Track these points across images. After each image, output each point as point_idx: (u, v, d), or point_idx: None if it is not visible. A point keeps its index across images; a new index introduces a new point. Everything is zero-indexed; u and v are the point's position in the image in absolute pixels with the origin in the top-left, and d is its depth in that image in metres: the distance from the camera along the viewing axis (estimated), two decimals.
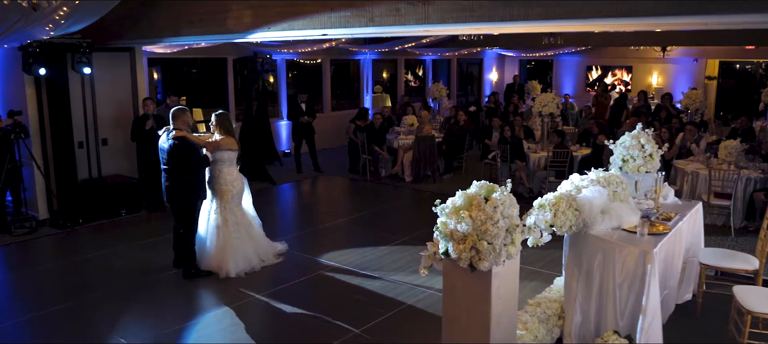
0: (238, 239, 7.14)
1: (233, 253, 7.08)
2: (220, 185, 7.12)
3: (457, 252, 3.68)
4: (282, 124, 14.79)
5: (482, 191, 3.77)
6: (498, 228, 3.62)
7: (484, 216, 3.62)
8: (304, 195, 11.72)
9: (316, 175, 12.75)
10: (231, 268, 7.04)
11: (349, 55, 16.47)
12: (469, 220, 3.63)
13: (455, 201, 3.79)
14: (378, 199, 10.94)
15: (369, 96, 17.22)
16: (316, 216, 10.00)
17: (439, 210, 3.83)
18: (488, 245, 3.61)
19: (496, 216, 3.63)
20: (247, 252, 7.22)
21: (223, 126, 7.19)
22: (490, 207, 3.65)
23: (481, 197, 3.71)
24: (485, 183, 3.84)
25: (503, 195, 3.73)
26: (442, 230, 3.79)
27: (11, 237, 8.64)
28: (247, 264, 7.18)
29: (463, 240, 3.66)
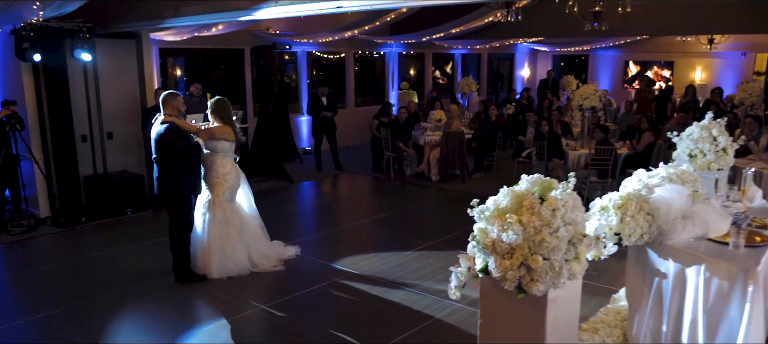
0: (223, 237, 6.34)
1: (219, 252, 6.30)
2: (212, 177, 6.34)
3: (501, 270, 2.72)
4: (302, 119, 13.92)
5: (536, 188, 2.80)
6: (558, 238, 2.65)
7: (539, 222, 2.65)
8: (323, 194, 10.82)
9: (337, 174, 11.84)
10: (214, 268, 6.28)
11: (373, 48, 15.54)
12: (518, 227, 2.67)
13: (499, 201, 2.83)
14: (402, 200, 9.98)
15: (395, 92, 16.27)
16: (334, 217, 9.08)
17: (477, 214, 2.88)
18: (544, 261, 2.64)
19: (555, 223, 2.66)
20: (236, 254, 6.39)
21: (220, 113, 6.36)
22: (548, 209, 2.68)
23: (534, 196, 2.74)
24: (539, 178, 2.87)
25: (565, 193, 2.75)
26: (481, 240, 2.83)
27: (8, 236, 7.91)
28: (234, 266, 6.38)
29: (510, 253, 2.70)
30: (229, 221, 6.36)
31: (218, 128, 6.28)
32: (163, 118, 6.09)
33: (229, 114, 6.40)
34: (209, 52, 12.18)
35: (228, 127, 6.32)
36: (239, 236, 6.43)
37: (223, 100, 6.44)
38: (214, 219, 6.31)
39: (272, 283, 6.32)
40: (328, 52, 14.77)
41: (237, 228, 6.42)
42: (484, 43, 16.66)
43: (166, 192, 6.15)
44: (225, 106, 6.40)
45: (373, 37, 14.38)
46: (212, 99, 6.44)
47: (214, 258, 6.29)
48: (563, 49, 19.89)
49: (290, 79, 14.33)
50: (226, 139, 6.30)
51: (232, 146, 6.38)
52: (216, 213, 6.31)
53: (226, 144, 6.31)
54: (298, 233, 7.94)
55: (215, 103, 6.38)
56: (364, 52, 15.86)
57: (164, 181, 6.14)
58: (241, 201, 6.65)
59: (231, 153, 6.41)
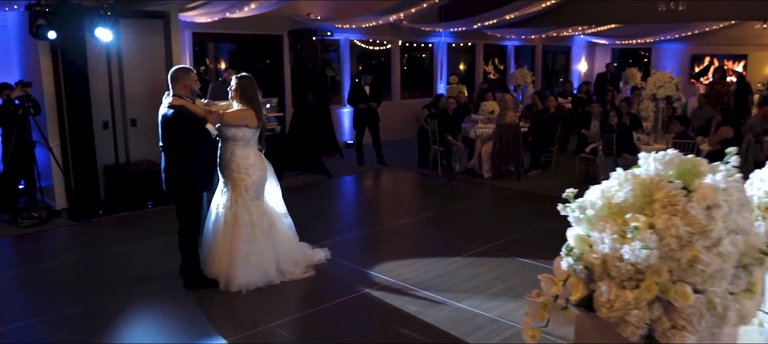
0: (250, 244, 5.26)
1: (242, 261, 5.22)
2: (232, 171, 5.28)
3: (620, 308, 1.58)
4: (344, 111, 12.92)
5: (672, 170, 1.65)
6: (721, 256, 1.50)
7: (687, 227, 1.51)
8: (362, 191, 9.77)
9: (380, 169, 10.77)
10: (237, 280, 5.20)
11: (421, 37, 14.42)
12: (650, 236, 1.53)
13: (612, 192, 1.69)
14: (450, 198, 8.84)
15: (443, 86, 15.11)
16: (373, 215, 8.01)
17: (574, 213, 1.75)
18: (697, 296, 1.49)
19: (715, 230, 1.51)
20: (263, 262, 5.32)
21: (245, 93, 5.32)
22: (700, 207, 1.53)
23: (674, 184, 1.60)
24: (675, 156, 1.72)
25: (727, 179, 1.60)
26: (583, 254, 1.70)
27: (17, 229, 7.14)
28: (260, 276, 5.29)
29: (636, 280, 1.56)
30: (255, 224, 5.30)
31: (237, 112, 5.25)
32: (170, 98, 5.13)
33: (254, 95, 5.34)
34: (246, 38, 11.28)
35: (250, 111, 5.26)
36: (267, 241, 5.37)
37: (247, 78, 5.37)
38: (236, 223, 5.25)
39: (290, 293, 5.29)
40: (373, 41, 13.73)
41: (265, 231, 5.37)
42: (540, 32, 15.28)
43: (173, 187, 5.20)
44: (249, 85, 5.33)
45: (420, 25, 13.27)
46: (236, 75, 5.42)
47: (236, 269, 5.21)
48: (623, 42, 18.32)
49: (334, 71, 13.36)
50: (248, 125, 5.24)
51: (255, 134, 5.33)
52: (240, 215, 5.25)
53: (247, 131, 5.25)
54: (331, 233, 6.90)
55: (238, 81, 5.33)
56: (411, 42, 14.75)
57: (171, 174, 5.18)
58: (270, 198, 5.61)
59: (254, 142, 5.35)
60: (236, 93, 5.35)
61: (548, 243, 6.89)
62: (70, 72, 7.51)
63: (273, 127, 9.46)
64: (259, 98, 5.40)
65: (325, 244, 6.26)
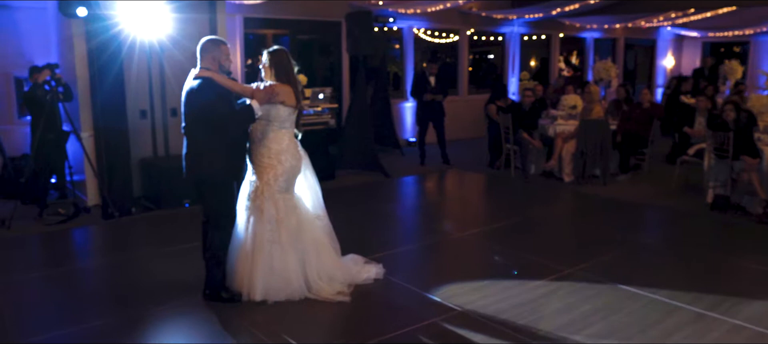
0: (273, 242, 4.30)
1: (265, 263, 4.29)
2: (261, 156, 4.36)
3: None
4: (406, 106, 11.79)
5: None
6: None
7: None
8: (424, 194, 8.60)
9: (444, 169, 9.58)
10: (257, 286, 4.28)
11: (491, 26, 13.11)
12: None
13: None
14: (525, 205, 7.56)
15: (515, 81, 13.75)
16: (435, 224, 6.82)
17: None
18: None
19: None
20: (287, 269, 4.33)
21: (280, 69, 4.38)
22: None
23: None
24: None
25: None
26: None
27: (41, 226, 6.39)
28: (282, 286, 4.32)
29: None
30: (281, 220, 4.33)
31: (272, 86, 4.29)
32: (197, 71, 4.18)
33: (290, 70, 4.38)
34: (301, 24, 10.32)
35: (288, 87, 4.32)
36: (294, 243, 4.37)
37: (282, 51, 4.43)
38: (260, 218, 4.32)
39: (331, 318, 4.22)
40: (439, 31, 12.54)
41: (292, 231, 4.37)
42: (627, 20, 13.62)
43: (197, 175, 4.25)
44: (284, 59, 4.39)
45: (491, 12, 11.99)
46: (269, 50, 4.43)
47: (259, 273, 4.29)
48: (717, 36, 16.37)
49: (396, 67, 12.26)
50: (286, 102, 4.30)
51: (291, 115, 4.38)
52: (264, 208, 4.31)
53: (283, 110, 4.31)
54: (386, 243, 5.78)
55: (271, 55, 4.39)
56: (480, 34, 13.48)
57: (194, 161, 4.25)
58: (303, 194, 4.60)
59: (290, 124, 4.41)
60: (270, 69, 4.40)
61: (652, 265, 5.46)
62: (102, 54, 6.70)
63: (326, 120, 8.45)
64: (295, 75, 4.40)
65: (377, 257, 5.16)
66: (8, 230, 6.27)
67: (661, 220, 6.95)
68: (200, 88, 4.10)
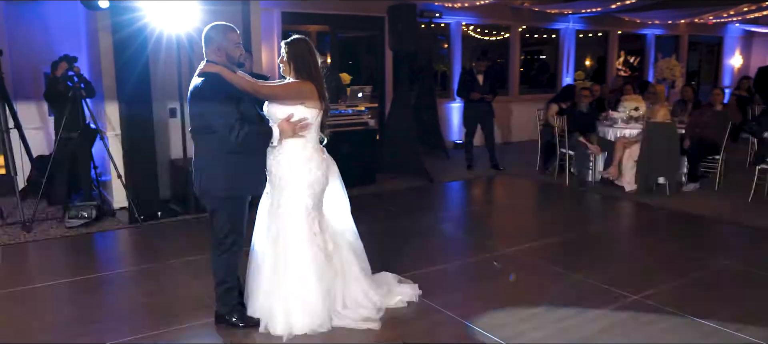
0: (297, 271, 3.69)
1: (288, 293, 3.68)
2: (279, 167, 3.73)
3: None
4: (453, 106, 11.13)
5: None
6: None
7: None
8: (469, 201, 7.93)
9: (493, 174, 8.90)
10: (278, 320, 3.67)
11: (545, 22, 12.30)
12: None
13: None
14: (581, 217, 6.82)
15: (570, 81, 12.89)
16: (480, 236, 6.16)
17: None
18: None
19: None
20: (313, 301, 3.71)
21: (300, 62, 3.74)
22: None
23: None
24: None
25: None
26: None
27: (62, 229, 6.04)
28: (309, 319, 3.69)
29: None
30: (305, 244, 3.71)
31: (290, 85, 3.70)
32: (203, 65, 3.64)
33: (313, 65, 3.75)
34: (342, 19, 9.79)
35: (308, 85, 3.70)
36: (321, 270, 3.75)
37: (302, 42, 3.76)
38: (281, 241, 3.71)
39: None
40: (489, 27, 11.83)
41: (318, 256, 3.75)
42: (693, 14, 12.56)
43: (204, 188, 3.68)
44: (305, 51, 3.74)
45: (545, 6, 11.20)
46: (286, 41, 3.85)
47: (279, 304, 3.69)
48: None
49: (445, 66, 11.60)
50: (305, 102, 3.68)
51: (314, 118, 3.75)
52: (287, 229, 3.71)
53: (304, 112, 3.69)
54: (423, 259, 5.16)
55: (288, 47, 3.75)
56: (532, 31, 12.68)
57: (197, 172, 3.68)
58: (330, 209, 4.00)
59: (313, 129, 3.77)
60: (288, 63, 3.77)
61: (733, 295, 4.40)
62: (127, 49, 6.30)
63: (365, 120, 7.88)
64: (319, 70, 3.79)
65: (413, 275, 4.56)
66: (28, 233, 5.95)
67: (740, 239, 6.09)
68: (203, 87, 3.50)
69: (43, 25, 7.47)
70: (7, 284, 4.65)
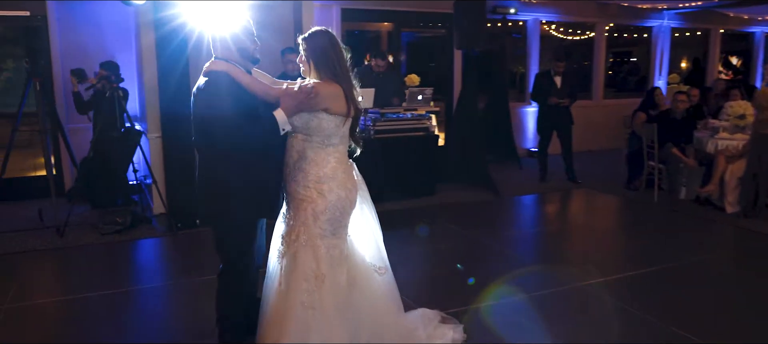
0: (310, 308, 2.97)
1: (297, 333, 2.96)
2: (297, 184, 3.07)
3: None
4: (528, 111, 10.18)
5: None
6: None
7: None
8: (540, 220, 6.99)
9: (569, 188, 7.93)
10: None
11: (635, 19, 11.10)
12: None
13: None
14: (675, 243, 5.76)
15: (662, 84, 11.61)
16: (550, 264, 5.24)
17: None
18: None
19: None
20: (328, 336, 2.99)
21: (323, 61, 3.07)
22: None
23: None
24: None
25: None
26: None
27: (95, 235, 5.69)
28: None
29: None
30: (323, 277, 3.00)
31: (312, 88, 3.01)
32: (209, 63, 3.05)
33: (337, 60, 3.07)
34: (408, 15, 9.10)
35: (334, 86, 3.03)
36: (342, 310, 3.06)
37: (324, 35, 3.09)
38: (294, 271, 3.02)
39: None
40: (570, 25, 10.78)
41: (339, 293, 3.06)
42: None
43: (208, 208, 3.09)
44: (327, 46, 3.06)
45: (635, 1, 10.04)
46: (303, 36, 3.17)
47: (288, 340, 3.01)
48: None
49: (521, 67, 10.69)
50: (331, 109, 3.01)
51: (339, 126, 3.07)
52: (299, 259, 3.02)
53: (329, 120, 3.02)
54: (478, 291, 4.35)
55: (307, 43, 3.09)
56: (621, 30, 11.50)
57: (199, 188, 3.10)
58: (358, 236, 3.28)
59: (339, 138, 3.10)
60: (307, 62, 3.12)
61: None
62: (167, 47, 5.90)
63: (425, 125, 7.15)
64: (346, 67, 3.10)
65: (460, 312, 3.80)
66: (61, 238, 5.64)
67: None
68: (206, 89, 2.93)
69: (95, 23, 7.24)
70: (18, 296, 4.27)
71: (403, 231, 5.81)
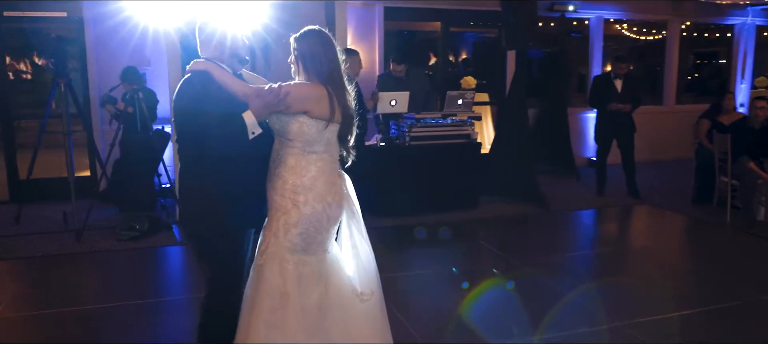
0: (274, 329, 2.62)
1: None
2: (274, 191, 2.73)
3: None
4: (590, 116, 9.34)
5: None
6: None
7: None
8: (593, 241, 6.21)
9: (629, 203, 7.11)
10: None
11: (715, 16, 10.03)
12: None
13: None
14: (749, 273, 4.91)
15: (745, 89, 10.45)
16: (603, 296, 4.50)
17: None
18: None
19: None
20: None
21: (310, 61, 2.72)
22: None
23: None
24: None
25: None
26: None
27: (112, 241, 5.47)
28: None
29: None
30: (288, 296, 2.63)
31: (293, 88, 2.62)
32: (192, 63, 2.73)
33: (326, 60, 2.69)
34: (456, 14, 8.50)
35: (318, 88, 2.65)
36: (310, 333, 2.66)
37: (315, 33, 2.73)
38: (260, 285, 2.66)
39: None
40: (639, 23, 9.86)
41: (308, 315, 2.67)
42: None
43: (189, 216, 2.78)
44: (315, 43, 2.70)
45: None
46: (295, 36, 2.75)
47: None
48: None
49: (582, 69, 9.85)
50: (311, 112, 2.64)
51: (323, 132, 2.68)
52: (267, 273, 2.66)
53: (310, 124, 2.65)
54: (506, 327, 3.75)
55: (299, 39, 2.73)
56: (699, 28, 10.43)
57: (186, 194, 2.77)
58: (343, 255, 2.86)
59: (323, 145, 2.71)
60: (297, 62, 2.76)
61: None
62: (188, 46, 5.62)
63: (467, 131, 6.56)
64: (339, 70, 2.74)
65: None
66: (77, 242, 5.45)
67: None
68: (185, 87, 2.62)
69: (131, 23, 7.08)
70: (22, 305, 4.04)
71: (429, 249, 5.26)
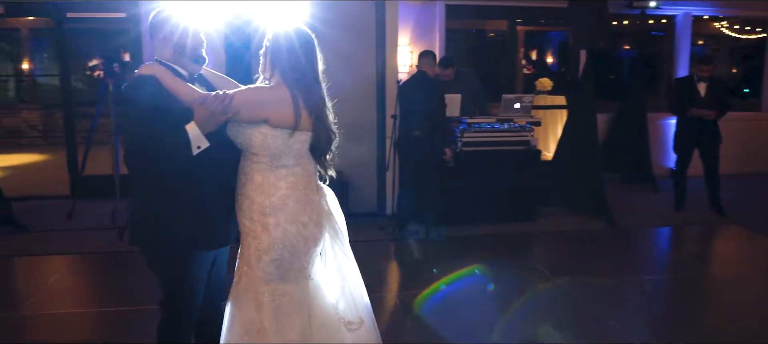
0: None
1: None
2: (241, 214, 2.43)
3: None
4: (672, 122, 8.47)
5: None
6: None
7: None
8: (662, 264, 5.46)
9: (711, 221, 6.30)
10: None
11: None
12: None
13: None
14: None
15: None
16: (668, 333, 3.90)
17: None
18: None
19: None
20: None
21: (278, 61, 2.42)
22: None
23: None
24: None
25: None
26: None
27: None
28: None
29: None
30: (264, 327, 2.37)
31: (246, 92, 2.36)
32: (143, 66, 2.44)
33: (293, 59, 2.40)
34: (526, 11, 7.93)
35: (280, 91, 2.38)
36: None
37: (295, 32, 2.43)
38: (236, 316, 2.42)
39: None
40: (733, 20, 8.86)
41: None
42: None
43: (138, 234, 2.48)
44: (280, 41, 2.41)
45: None
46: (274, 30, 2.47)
47: None
48: None
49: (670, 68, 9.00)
50: (270, 120, 2.35)
51: (291, 142, 2.39)
52: (240, 303, 2.43)
53: (274, 135, 2.36)
54: None
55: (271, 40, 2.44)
56: None
57: (136, 212, 2.50)
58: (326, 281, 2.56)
59: (293, 158, 2.43)
60: (265, 61, 2.46)
61: None
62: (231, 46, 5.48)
63: (526, 138, 6.03)
64: (312, 72, 2.44)
65: None
66: (120, 241, 5.42)
67: None
68: (125, 94, 2.39)
69: None
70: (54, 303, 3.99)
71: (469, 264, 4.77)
